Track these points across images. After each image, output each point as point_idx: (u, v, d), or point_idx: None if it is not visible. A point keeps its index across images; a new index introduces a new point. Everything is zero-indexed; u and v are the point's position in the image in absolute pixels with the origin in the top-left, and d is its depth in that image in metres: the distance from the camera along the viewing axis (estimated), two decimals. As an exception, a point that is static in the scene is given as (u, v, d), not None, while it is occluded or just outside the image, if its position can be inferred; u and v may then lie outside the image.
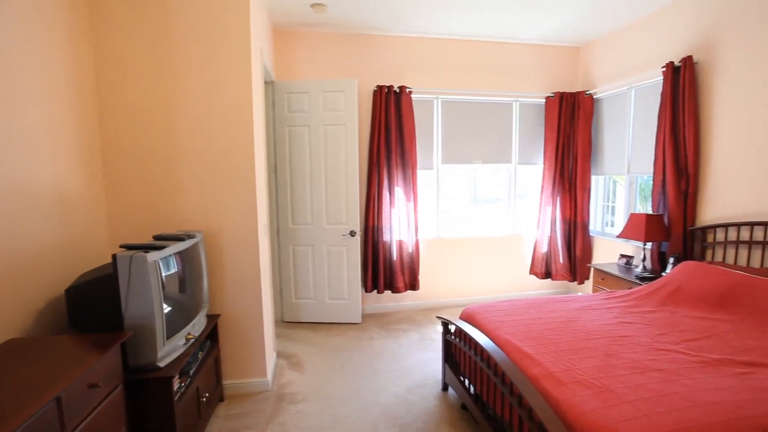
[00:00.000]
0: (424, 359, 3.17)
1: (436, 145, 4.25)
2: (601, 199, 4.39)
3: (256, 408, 2.53)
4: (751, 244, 2.74)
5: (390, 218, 4.01)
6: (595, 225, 4.42)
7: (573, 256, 4.36)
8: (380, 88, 3.85)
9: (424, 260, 4.30)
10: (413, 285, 4.13)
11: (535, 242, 4.44)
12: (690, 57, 3.06)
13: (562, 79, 4.44)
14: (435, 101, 4.19)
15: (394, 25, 3.79)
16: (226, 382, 2.66)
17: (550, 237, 4.39)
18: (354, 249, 3.83)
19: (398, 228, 4.05)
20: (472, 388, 2.31)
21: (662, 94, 3.26)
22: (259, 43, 2.80)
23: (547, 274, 4.45)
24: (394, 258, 4.05)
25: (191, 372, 2.14)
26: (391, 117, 3.89)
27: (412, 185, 4.01)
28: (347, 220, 3.80)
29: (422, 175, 4.24)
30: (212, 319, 2.49)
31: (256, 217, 2.57)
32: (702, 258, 3.10)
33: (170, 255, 1.99)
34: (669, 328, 2.24)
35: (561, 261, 4.37)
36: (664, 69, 3.22)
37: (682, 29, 3.25)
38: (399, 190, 4.01)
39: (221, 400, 2.60)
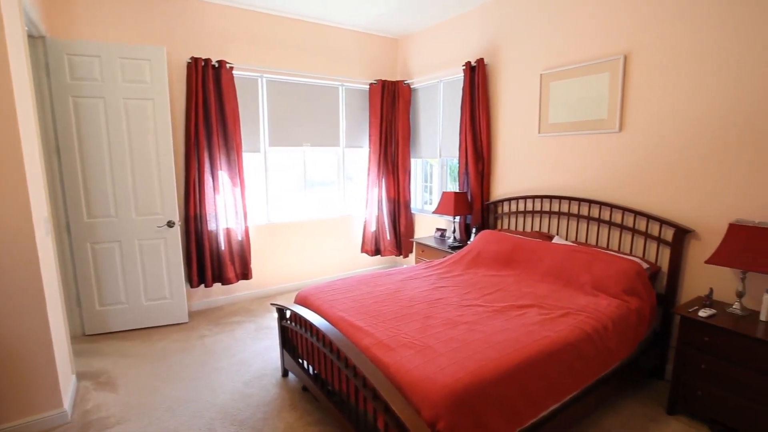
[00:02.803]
0: (261, 349, 3.06)
1: (262, 126, 4.05)
2: (420, 180, 4.92)
3: (49, 446, 2.06)
4: (525, 213, 3.46)
5: (215, 205, 3.69)
6: (415, 203, 4.93)
7: (398, 232, 4.79)
8: (196, 60, 3.44)
9: (255, 247, 4.12)
10: (245, 274, 3.93)
11: (365, 222, 4.71)
12: (482, 59, 3.61)
13: (384, 67, 4.73)
14: (260, 80, 3.97)
15: (209, -9, 3.41)
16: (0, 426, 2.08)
17: (378, 216, 4.71)
18: (174, 241, 3.40)
19: (225, 215, 3.76)
20: (311, 369, 2.33)
21: (463, 89, 3.78)
22: (18, -14, 2.16)
23: (377, 251, 4.79)
24: (222, 248, 3.75)
25: (-65, 423, 1.59)
26: (210, 94, 3.53)
27: (237, 169, 3.74)
28: (163, 209, 3.34)
29: (249, 159, 4.01)
30: (-32, 348, 1.89)
31: (30, 211, 2.03)
32: (495, 227, 3.78)
33: None
34: (472, 287, 2.67)
35: (388, 238, 4.76)
36: (464, 67, 3.74)
37: (476, 34, 3.81)
38: (223, 175, 3.71)
39: (-7, 448, 2.03)
